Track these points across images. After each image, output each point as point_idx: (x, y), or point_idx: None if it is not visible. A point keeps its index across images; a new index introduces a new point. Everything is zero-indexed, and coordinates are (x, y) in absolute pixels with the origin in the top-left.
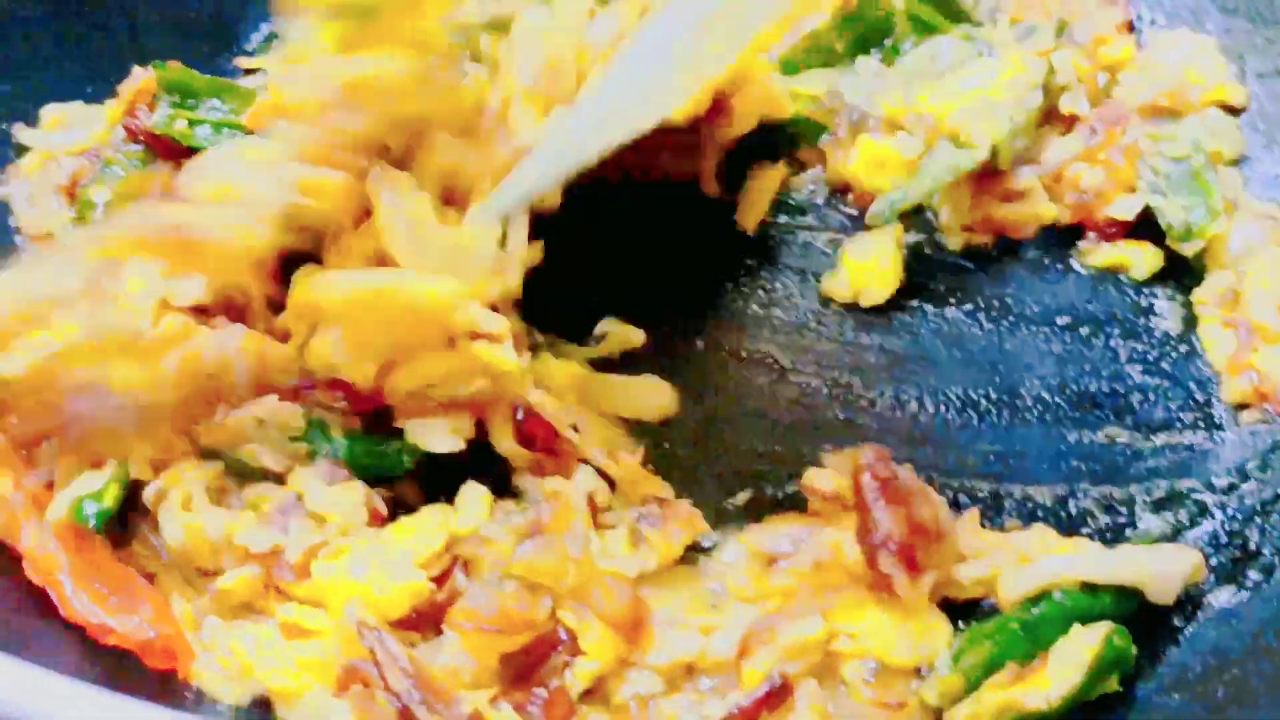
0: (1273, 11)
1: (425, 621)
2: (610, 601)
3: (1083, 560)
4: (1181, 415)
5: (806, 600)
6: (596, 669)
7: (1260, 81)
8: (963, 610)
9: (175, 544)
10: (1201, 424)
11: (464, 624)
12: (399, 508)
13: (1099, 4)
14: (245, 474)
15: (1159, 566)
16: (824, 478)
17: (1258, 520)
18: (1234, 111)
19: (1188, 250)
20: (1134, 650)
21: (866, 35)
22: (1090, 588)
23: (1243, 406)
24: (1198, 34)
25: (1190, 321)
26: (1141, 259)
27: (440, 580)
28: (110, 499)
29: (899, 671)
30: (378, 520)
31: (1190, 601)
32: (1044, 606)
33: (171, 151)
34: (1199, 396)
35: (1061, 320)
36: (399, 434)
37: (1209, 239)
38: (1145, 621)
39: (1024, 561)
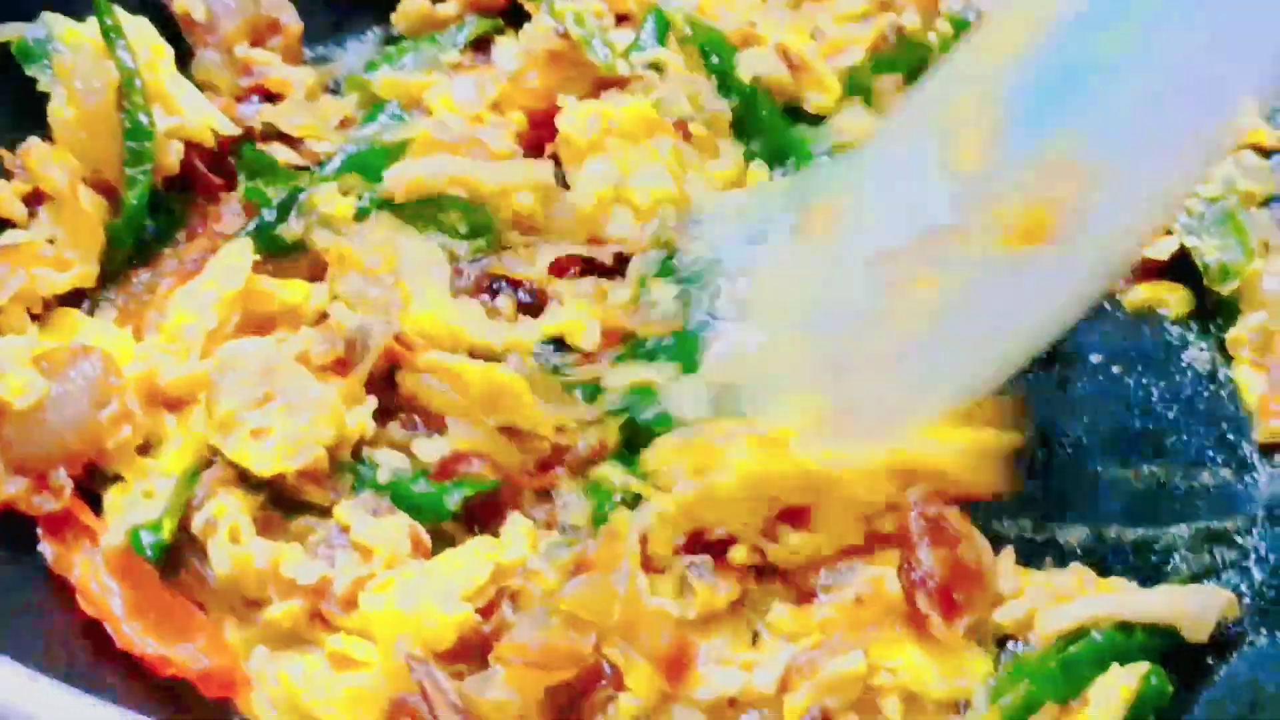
0: None
1: (470, 653)
2: (655, 640)
3: (1119, 599)
4: (1214, 455)
5: (847, 635)
6: (639, 705)
7: None
8: (1002, 644)
9: (224, 574)
10: (1234, 464)
11: (511, 658)
12: (439, 540)
13: None
14: (289, 505)
15: (1193, 605)
16: None
17: None
18: (1265, 153)
19: (1225, 290)
20: (1171, 689)
21: (905, 75)
22: (1126, 626)
23: (1274, 447)
24: None
25: (1222, 362)
26: (1174, 300)
27: (486, 612)
28: (168, 531)
29: (938, 707)
30: (422, 552)
31: (1224, 641)
32: (1081, 645)
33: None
34: (1231, 437)
35: (1094, 358)
36: None
37: (1245, 277)
38: (1179, 660)
39: (1061, 601)
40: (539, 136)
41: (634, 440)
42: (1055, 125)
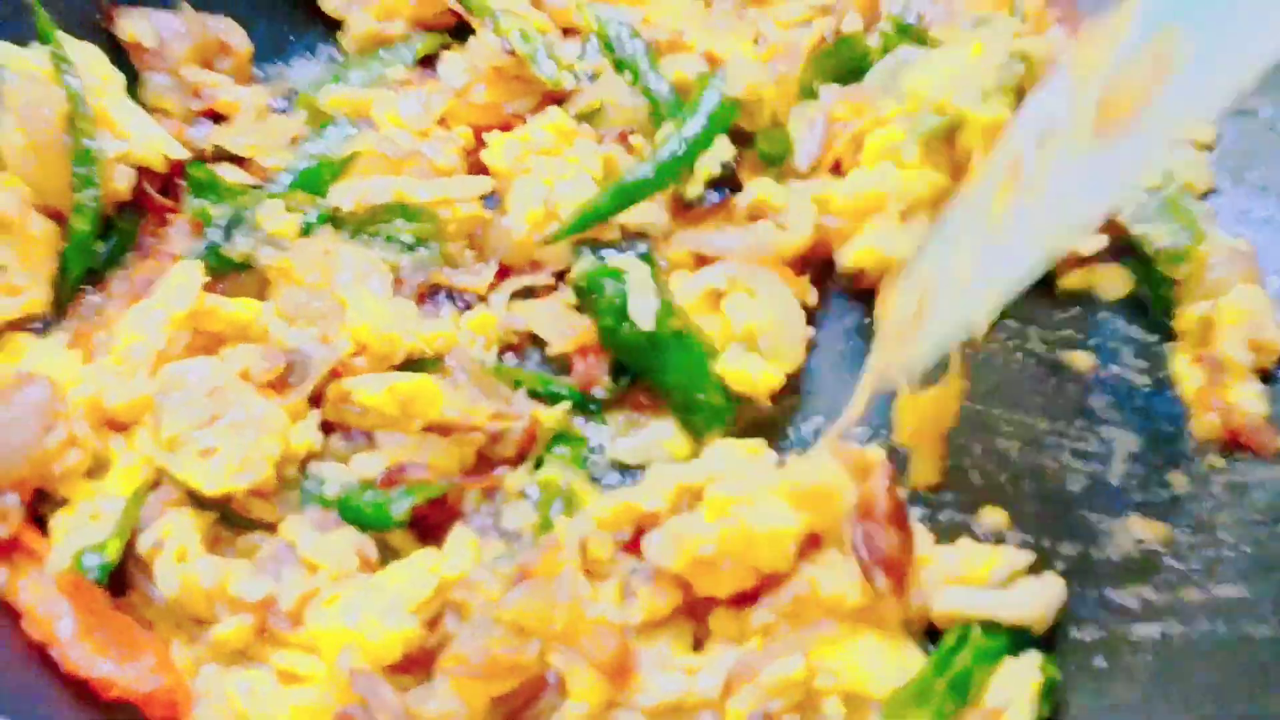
0: None
1: (417, 666)
2: (598, 647)
3: (973, 597)
4: (1149, 448)
5: (787, 637)
6: (584, 711)
7: (1228, 119)
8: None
9: (171, 594)
10: (1169, 457)
11: (454, 668)
12: (386, 552)
13: (1068, 44)
14: (238, 523)
15: (1043, 602)
16: None
17: (1222, 552)
18: (1200, 148)
19: (1178, 273)
20: (1059, 676)
21: (841, 73)
22: (991, 625)
23: (1210, 441)
24: None
25: (1161, 354)
26: (1111, 283)
27: (432, 625)
28: (113, 552)
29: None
30: (368, 566)
31: (1164, 635)
32: (964, 654)
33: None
34: (1167, 430)
35: (1030, 345)
36: None
37: (1194, 262)
38: (1098, 650)
39: (949, 583)
40: None
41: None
42: (1167, 18)
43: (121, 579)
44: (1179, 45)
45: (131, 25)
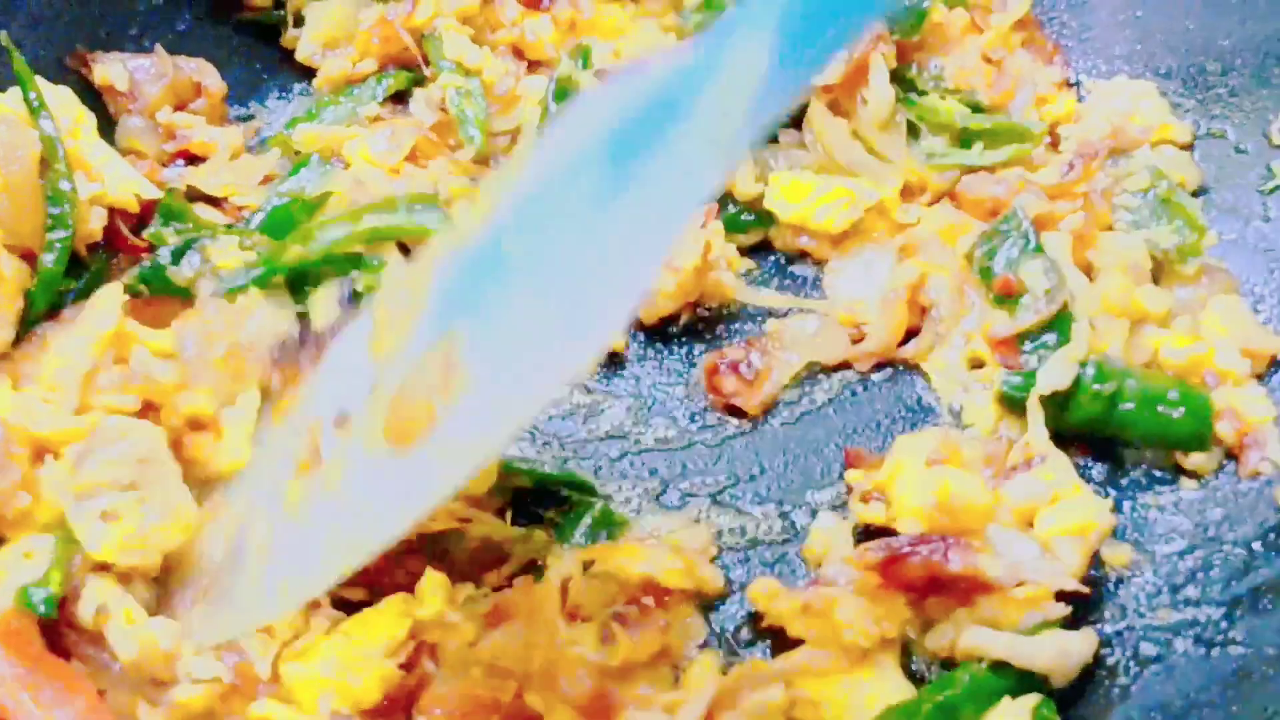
0: (1204, 77)
1: (396, 708)
2: (576, 687)
3: (997, 639)
4: (1114, 473)
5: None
6: None
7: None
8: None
9: (130, 658)
10: (1134, 482)
11: (434, 709)
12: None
13: (1035, 65)
14: None
15: (1060, 653)
16: None
17: (1210, 573)
18: (1180, 146)
19: (1190, 270)
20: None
21: None
22: (1001, 666)
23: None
24: (1135, 79)
25: None
26: None
27: (408, 666)
28: (55, 584)
29: None
30: (327, 616)
31: (1137, 657)
32: (958, 684)
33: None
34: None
35: None
36: None
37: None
38: (1093, 675)
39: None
40: None
41: None
42: (453, 320)
43: (61, 652)
44: (465, 358)
45: (105, 69)
